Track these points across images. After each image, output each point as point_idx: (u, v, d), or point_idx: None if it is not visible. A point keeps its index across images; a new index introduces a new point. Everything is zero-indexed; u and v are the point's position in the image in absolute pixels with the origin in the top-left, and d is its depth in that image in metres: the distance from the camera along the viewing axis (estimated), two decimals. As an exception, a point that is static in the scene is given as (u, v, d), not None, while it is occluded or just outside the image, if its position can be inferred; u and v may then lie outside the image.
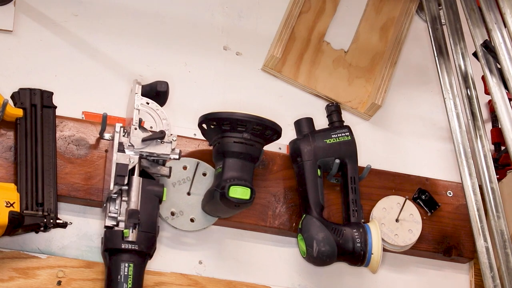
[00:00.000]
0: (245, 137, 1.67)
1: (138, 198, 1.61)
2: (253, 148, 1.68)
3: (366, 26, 2.12)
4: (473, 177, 1.90)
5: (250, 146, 1.67)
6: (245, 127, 1.67)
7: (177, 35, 2.00)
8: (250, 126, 1.67)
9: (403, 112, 2.07)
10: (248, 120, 1.66)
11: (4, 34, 1.86)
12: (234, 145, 1.67)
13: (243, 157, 1.67)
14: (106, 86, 1.89)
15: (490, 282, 1.80)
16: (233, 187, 1.63)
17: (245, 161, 1.67)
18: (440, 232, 1.89)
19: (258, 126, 1.67)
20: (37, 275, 1.63)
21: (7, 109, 1.66)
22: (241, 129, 1.67)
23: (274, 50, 1.97)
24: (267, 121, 1.67)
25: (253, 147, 1.68)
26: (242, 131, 1.67)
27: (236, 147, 1.67)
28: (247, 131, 1.67)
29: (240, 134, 1.67)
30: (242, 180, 1.65)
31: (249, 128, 1.67)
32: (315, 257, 1.72)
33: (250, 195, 1.64)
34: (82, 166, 1.72)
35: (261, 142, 1.71)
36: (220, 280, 1.75)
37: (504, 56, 1.84)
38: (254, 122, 1.66)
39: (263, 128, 1.68)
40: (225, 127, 1.67)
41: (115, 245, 1.58)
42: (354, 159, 1.82)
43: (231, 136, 1.67)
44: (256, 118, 1.66)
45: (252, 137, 1.68)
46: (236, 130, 1.67)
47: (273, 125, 1.69)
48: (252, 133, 1.68)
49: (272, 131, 1.70)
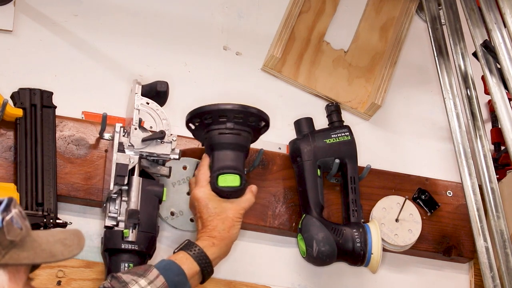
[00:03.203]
0: (228, 127, 1.62)
1: (138, 198, 1.61)
2: (240, 137, 1.63)
3: (366, 26, 2.12)
4: (473, 177, 1.90)
5: (236, 136, 1.62)
6: (226, 117, 1.62)
7: (177, 35, 2.00)
8: (231, 114, 1.61)
9: (403, 112, 2.07)
10: (228, 109, 1.61)
11: (4, 34, 1.86)
12: (219, 136, 1.63)
13: (231, 147, 1.63)
14: (106, 86, 1.89)
15: (490, 282, 1.80)
16: (221, 176, 1.60)
17: (233, 151, 1.63)
18: (440, 232, 1.89)
19: (240, 114, 1.62)
20: (37, 275, 1.63)
21: (7, 109, 1.66)
22: (223, 120, 1.62)
23: (274, 50, 1.97)
24: (247, 107, 1.62)
25: (239, 136, 1.63)
26: (225, 122, 1.62)
27: (221, 138, 1.62)
28: (229, 120, 1.62)
29: (223, 124, 1.63)
30: (230, 168, 1.61)
31: (231, 117, 1.62)
32: (315, 257, 1.72)
33: (240, 181, 1.60)
34: (82, 166, 1.72)
35: (248, 131, 1.65)
36: (220, 280, 1.75)
37: (504, 56, 1.84)
38: (235, 111, 1.61)
39: (245, 115, 1.63)
40: (207, 121, 1.63)
41: (115, 245, 1.58)
42: (354, 159, 1.82)
43: (215, 128, 1.63)
44: (235, 105, 1.61)
45: (236, 126, 1.62)
46: (218, 122, 1.62)
47: (256, 111, 1.64)
48: (235, 122, 1.62)
49: (257, 118, 1.64)
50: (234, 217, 1.59)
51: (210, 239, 1.55)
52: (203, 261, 1.51)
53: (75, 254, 1.17)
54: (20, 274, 1.15)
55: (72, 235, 1.19)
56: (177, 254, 1.52)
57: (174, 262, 1.48)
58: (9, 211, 1.11)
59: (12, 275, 1.13)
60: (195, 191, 1.61)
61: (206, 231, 1.57)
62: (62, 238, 1.17)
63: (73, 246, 1.17)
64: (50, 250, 1.14)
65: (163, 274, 1.45)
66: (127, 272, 1.46)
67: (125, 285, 1.41)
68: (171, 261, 1.49)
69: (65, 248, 1.16)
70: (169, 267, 1.47)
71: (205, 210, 1.59)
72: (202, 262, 1.51)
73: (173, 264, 1.48)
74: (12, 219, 1.11)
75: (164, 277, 1.44)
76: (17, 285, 1.14)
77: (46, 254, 1.14)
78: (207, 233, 1.56)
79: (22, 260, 1.12)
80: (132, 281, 1.42)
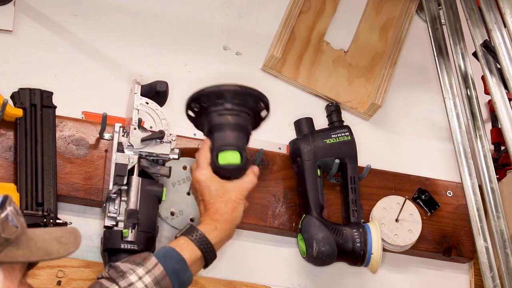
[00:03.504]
0: (227, 107, 1.56)
1: (138, 198, 1.61)
2: (239, 117, 1.57)
3: (366, 26, 2.12)
4: (473, 177, 1.90)
5: (235, 116, 1.56)
6: (224, 98, 1.56)
7: (177, 35, 2.00)
8: (229, 95, 1.56)
9: (403, 112, 2.07)
10: (226, 90, 1.56)
11: (4, 34, 1.86)
12: (218, 117, 1.57)
13: (230, 128, 1.56)
14: (106, 86, 1.89)
15: (490, 282, 1.80)
16: (221, 153, 1.55)
17: (233, 131, 1.56)
18: (440, 232, 1.89)
19: (238, 94, 1.56)
20: (37, 275, 1.63)
21: (7, 109, 1.67)
22: (221, 101, 1.56)
23: (274, 50, 1.97)
24: (245, 87, 1.57)
25: (238, 116, 1.57)
26: (223, 103, 1.56)
27: (221, 119, 1.56)
28: (227, 101, 1.56)
29: (221, 106, 1.56)
30: (230, 145, 1.56)
31: (229, 98, 1.56)
32: (315, 257, 1.72)
33: (240, 159, 1.55)
34: (82, 166, 1.73)
35: (247, 112, 1.59)
36: (220, 280, 1.75)
37: (504, 56, 1.84)
38: (232, 91, 1.56)
39: (243, 96, 1.57)
40: (206, 104, 1.57)
41: (114, 245, 1.58)
42: (354, 159, 1.82)
43: (213, 110, 1.57)
44: (233, 85, 1.56)
45: (235, 106, 1.56)
46: (216, 103, 1.57)
47: (254, 92, 1.58)
48: (233, 103, 1.56)
49: (255, 100, 1.58)
50: (236, 198, 1.55)
51: (212, 222, 1.51)
52: (205, 246, 1.48)
53: (71, 252, 1.16)
54: (16, 272, 1.14)
55: (69, 233, 1.19)
56: (178, 240, 1.49)
57: (174, 249, 1.45)
58: (4, 209, 1.11)
59: (8, 273, 1.13)
60: (196, 174, 1.57)
61: (209, 214, 1.53)
62: (58, 236, 1.17)
63: (69, 244, 1.17)
64: (45, 248, 1.14)
65: (162, 262, 1.42)
66: (126, 261, 1.44)
67: (122, 274, 1.40)
68: (170, 248, 1.46)
69: (61, 246, 1.16)
70: (168, 255, 1.44)
71: (207, 192, 1.54)
72: (204, 247, 1.48)
73: (173, 251, 1.45)
74: (7, 217, 1.11)
75: (163, 265, 1.42)
76: (12, 283, 1.13)
77: (41, 252, 1.13)
78: (210, 216, 1.52)
79: (17, 258, 1.12)
80: (130, 270, 1.41)
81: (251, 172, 1.59)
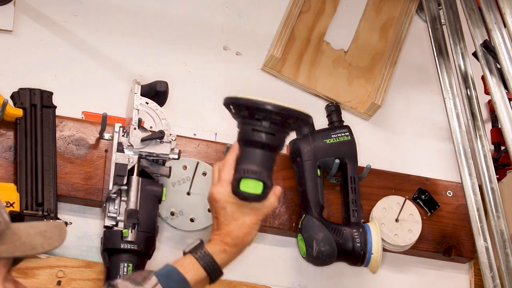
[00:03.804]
0: (264, 125, 1.48)
1: (137, 198, 1.61)
2: (273, 137, 1.49)
3: (366, 26, 2.12)
4: (473, 177, 1.90)
5: (269, 135, 1.48)
6: (263, 115, 1.48)
7: (177, 35, 2.00)
8: (269, 115, 1.48)
9: (403, 112, 2.07)
10: (267, 109, 1.47)
11: (4, 34, 1.86)
12: (252, 133, 1.49)
13: (261, 146, 1.49)
14: (106, 86, 1.89)
15: (490, 282, 1.80)
16: (243, 180, 1.47)
17: (263, 150, 1.49)
18: (440, 232, 1.88)
19: (278, 116, 1.48)
20: (37, 275, 1.63)
21: (7, 109, 1.67)
22: (259, 117, 1.48)
23: (274, 50, 1.97)
24: (289, 110, 1.48)
25: (273, 136, 1.49)
26: (261, 119, 1.48)
27: (254, 136, 1.48)
28: (266, 119, 1.48)
29: (259, 122, 1.48)
30: (255, 173, 1.48)
31: (268, 117, 1.48)
32: (315, 257, 1.72)
33: (262, 189, 1.47)
34: (82, 166, 1.73)
35: (284, 131, 1.51)
36: (220, 280, 1.74)
37: (504, 56, 1.84)
38: (274, 112, 1.47)
39: (283, 117, 1.48)
40: (243, 113, 1.49)
41: (114, 245, 1.58)
42: (354, 159, 1.82)
43: (249, 123, 1.49)
44: (276, 107, 1.46)
45: (273, 125, 1.48)
46: (254, 118, 1.48)
47: (296, 113, 1.49)
48: (272, 122, 1.48)
49: (295, 120, 1.51)
50: (251, 223, 1.47)
51: (222, 244, 1.46)
52: (211, 267, 1.43)
53: (55, 246, 1.15)
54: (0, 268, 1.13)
55: (54, 227, 1.17)
56: (183, 259, 1.43)
57: (176, 269, 1.40)
58: None
59: None
60: (214, 191, 1.49)
61: (220, 234, 1.47)
62: (42, 231, 1.15)
63: (54, 238, 1.15)
64: (30, 243, 1.12)
65: (162, 282, 1.38)
66: (126, 279, 1.40)
67: None
68: (173, 268, 1.41)
69: (45, 240, 1.14)
70: (170, 274, 1.40)
71: (222, 212, 1.47)
72: (210, 268, 1.43)
73: (174, 272, 1.40)
74: None
75: (163, 285, 1.37)
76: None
77: (25, 246, 1.12)
78: (221, 237, 1.46)
79: (1, 254, 1.10)
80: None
81: (273, 194, 1.50)
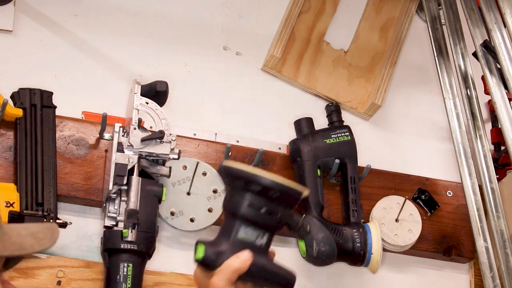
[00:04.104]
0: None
1: (137, 198, 1.61)
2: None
3: (366, 26, 2.12)
4: (473, 177, 1.90)
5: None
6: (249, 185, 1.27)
7: (177, 35, 2.00)
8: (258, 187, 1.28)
9: (403, 112, 2.07)
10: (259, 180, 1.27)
11: (4, 34, 1.86)
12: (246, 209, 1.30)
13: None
14: (106, 86, 1.89)
15: (490, 282, 1.80)
16: (197, 247, 1.27)
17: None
18: (440, 232, 1.88)
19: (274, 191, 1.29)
20: (37, 275, 1.63)
21: (7, 109, 1.67)
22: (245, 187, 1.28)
23: (274, 50, 1.97)
24: (284, 187, 1.28)
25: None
26: (246, 190, 1.28)
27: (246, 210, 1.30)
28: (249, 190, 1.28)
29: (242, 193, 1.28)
30: (200, 240, 1.27)
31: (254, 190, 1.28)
32: (315, 257, 1.72)
33: (203, 252, 1.26)
34: (82, 166, 1.73)
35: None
36: (220, 280, 1.75)
37: (504, 56, 1.84)
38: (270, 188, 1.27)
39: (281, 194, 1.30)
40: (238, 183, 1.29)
41: (114, 245, 1.58)
42: (354, 159, 1.82)
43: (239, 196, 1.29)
44: (273, 183, 1.27)
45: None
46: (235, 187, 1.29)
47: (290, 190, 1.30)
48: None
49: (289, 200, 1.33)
50: None
51: None
52: None
53: (46, 248, 1.15)
54: None
55: (46, 228, 1.17)
56: None
57: None
58: None
59: None
60: (195, 271, 1.33)
61: None
62: (34, 232, 1.15)
63: (45, 240, 1.15)
64: (20, 243, 1.13)
65: None
66: None
67: None
68: None
69: (36, 241, 1.14)
70: None
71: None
72: None
73: None
74: None
75: None
76: None
77: (15, 246, 1.12)
78: None
79: None
80: None
81: (235, 256, 1.28)
